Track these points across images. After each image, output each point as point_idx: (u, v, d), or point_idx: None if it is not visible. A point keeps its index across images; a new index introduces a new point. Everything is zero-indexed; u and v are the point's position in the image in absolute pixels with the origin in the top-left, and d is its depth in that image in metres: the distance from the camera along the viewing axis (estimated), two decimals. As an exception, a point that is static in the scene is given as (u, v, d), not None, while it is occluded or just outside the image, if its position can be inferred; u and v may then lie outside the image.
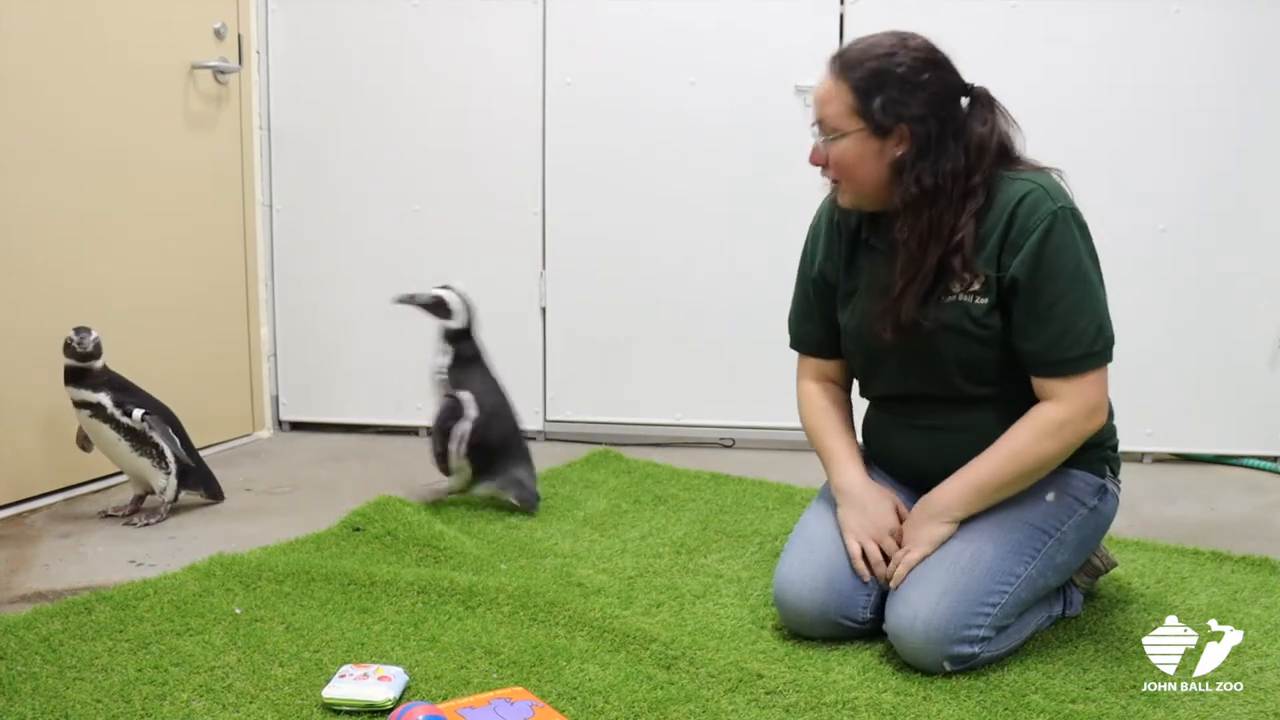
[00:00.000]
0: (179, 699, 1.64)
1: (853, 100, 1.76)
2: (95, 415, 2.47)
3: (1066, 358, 1.75)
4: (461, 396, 2.55)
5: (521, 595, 1.99)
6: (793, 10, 3.18)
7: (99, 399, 2.46)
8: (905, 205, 1.76)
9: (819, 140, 1.82)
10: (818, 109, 1.81)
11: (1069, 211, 1.74)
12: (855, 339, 1.93)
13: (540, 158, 3.33)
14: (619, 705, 1.62)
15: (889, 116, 1.74)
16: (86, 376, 2.45)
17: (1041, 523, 1.81)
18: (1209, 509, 2.74)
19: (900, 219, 1.78)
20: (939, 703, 1.64)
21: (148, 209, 2.99)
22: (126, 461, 2.53)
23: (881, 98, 1.74)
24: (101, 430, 2.48)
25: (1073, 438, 1.77)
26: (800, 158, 3.15)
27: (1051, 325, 1.74)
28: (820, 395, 2.04)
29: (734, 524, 2.53)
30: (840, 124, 1.78)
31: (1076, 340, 1.74)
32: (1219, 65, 3.02)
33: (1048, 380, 1.77)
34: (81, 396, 2.46)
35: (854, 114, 1.76)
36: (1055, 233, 1.72)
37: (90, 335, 2.44)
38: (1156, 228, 3.08)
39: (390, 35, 3.36)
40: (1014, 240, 1.74)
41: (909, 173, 1.75)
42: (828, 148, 1.80)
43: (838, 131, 1.78)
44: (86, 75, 2.79)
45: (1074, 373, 1.75)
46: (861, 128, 1.76)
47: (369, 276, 3.45)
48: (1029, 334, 1.76)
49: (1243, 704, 1.64)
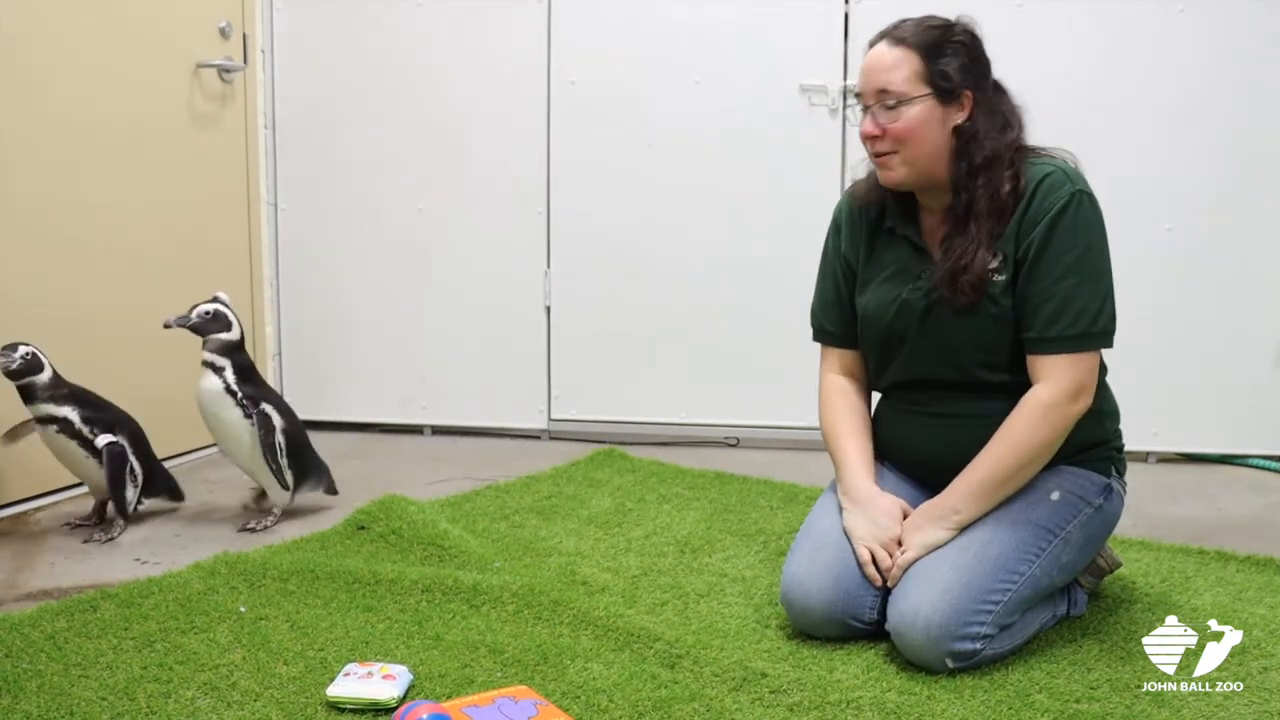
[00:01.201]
0: (184, 697, 1.64)
1: (920, 65, 1.78)
2: (62, 431, 2.36)
3: (1060, 334, 1.77)
4: (266, 409, 2.46)
5: (526, 594, 1.99)
6: (798, 10, 3.18)
7: (64, 413, 2.36)
8: (975, 169, 1.79)
9: (872, 111, 1.81)
10: (877, 78, 1.80)
11: (1086, 195, 1.78)
12: (873, 322, 1.93)
13: (545, 156, 3.33)
14: (623, 704, 1.62)
15: (956, 82, 1.78)
16: (38, 391, 2.34)
17: (1047, 522, 1.81)
18: (1214, 509, 2.74)
19: (972, 183, 1.79)
20: (943, 702, 1.64)
21: (153, 208, 2.99)
22: (93, 476, 2.44)
23: (952, 62, 1.78)
24: (68, 446, 2.39)
25: (1060, 422, 1.78)
26: (805, 156, 3.21)
27: (1052, 301, 1.77)
28: (841, 394, 2.03)
29: (738, 523, 2.53)
30: (908, 89, 1.79)
31: (1074, 319, 1.76)
32: (1225, 64, 3.02)
33: (1038, 358, 1.79)
34: (46, 411, 2.35)
35: (921, 79, 1.78)
36: (1069, 212, 1.76)
37: (15, 353, 2.31)
38: (1162, 227, 3.07)
39: (395, 34, 3.36)
40: (1031, 217, 1.78)
41: (977, 139, 1.79)
42: (889, 117, 1.80)
43: (905, 97, 1.78)
44: (92, 74, 2.80)
45: (1064, 350, 1.77)
46: (928, 93, 1.78)
47: (374, 275, 3.45)
48: (1030, 308, 1.78)
49: (1247, 704, 1.64)
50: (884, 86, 1.80)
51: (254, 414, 2.43)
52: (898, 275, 1.91)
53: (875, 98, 1.81)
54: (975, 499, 1.81)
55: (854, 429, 1.99)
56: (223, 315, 2.44)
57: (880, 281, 1.93)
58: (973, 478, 1.81)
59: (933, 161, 1.82)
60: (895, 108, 1.79)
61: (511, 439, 3.44)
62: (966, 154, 1.80)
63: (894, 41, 1.81)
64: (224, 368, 2.43)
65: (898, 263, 1.92)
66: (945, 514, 1.82)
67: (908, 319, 1.88)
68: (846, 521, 1.90)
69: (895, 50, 1.80)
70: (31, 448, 2.60)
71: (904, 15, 1.87)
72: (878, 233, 1.95)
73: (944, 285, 1.82)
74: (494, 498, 2.72)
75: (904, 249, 1.91)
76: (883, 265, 1.94)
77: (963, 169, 1.81)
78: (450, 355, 3.45)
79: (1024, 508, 1.81)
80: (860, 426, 2.00)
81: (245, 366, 2.47)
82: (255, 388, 2.48)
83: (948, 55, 1.79)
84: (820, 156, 3.19)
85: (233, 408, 2.43)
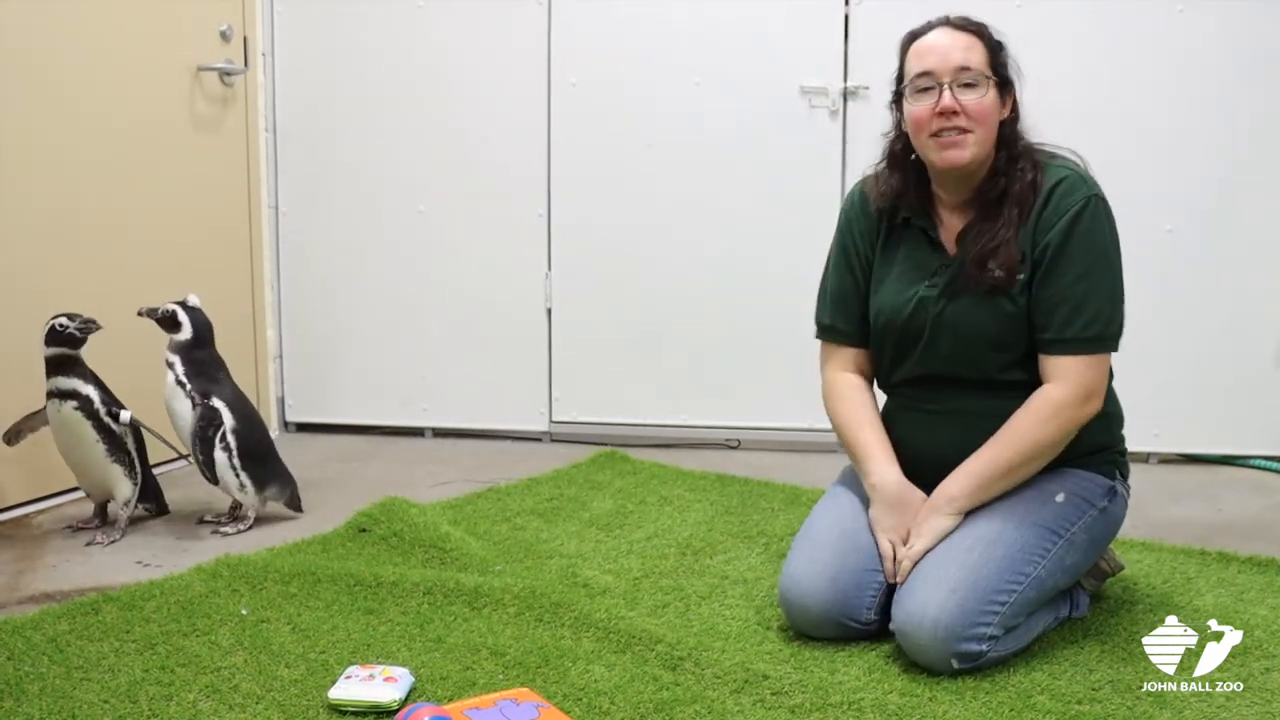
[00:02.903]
0: (185, 699, 1.64)
1: (987, 54, 1.84)
2: (81, 409, 2.37)
3: (1074, 336, 1.79)
4: (216, 404, 2.48)
5: (527, 596, 1.99)
6: (798, 11, 3.18)
7: (88, 392, 2.38)
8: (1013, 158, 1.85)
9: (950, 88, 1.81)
10: (955, 55, 1.82)
11: (1101, 200, 1.83)
12: (889, 319, 1.93)
13: (545, 159, 3.33)
14: (624, 706, 1.62)
15: (1010, 74, 1.86)
16: (75, 366, 2.38)
17: (1052, 523, 1.81)
18: (1215, 510, 2.73)
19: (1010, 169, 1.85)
20: (944, 703, 1.64)
21: (153, 211, 2.99)
22: (97, 466, 2.43)
23: (1007, 56, 1.86)
24: (81, 428, 2.39)
25: (1069, 423, 1.79)
26: (805, 158, 3.21)
27: (1066, 303, 1.79)
28: (854, 389, 2.01)
29: (740, 525, 2.53)
30: (986, 70, 1.83)
31: (1088, 322, 1.79)
32: (1225, 65, 3.01)
33: (1051, 358, 1.81)
34: (71, 386, 2.37)
35: (989, 66, 1.83)
36: (1086, 216, 1.80)
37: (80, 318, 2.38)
38: (1163, 228, 3.07)
39: (395, 37, 3.36)
40: (1047, 218, 1.81)
41: (1015, 132, 1.87)
42: (970, 95, 1.82)
43: (983, 76, 1.82)
44: (93, 77, 2.80)
45: (1077, 352, 1.79)
46: (994, 80, 1.83)
47: (375, 278, 3.45)
48: (1044, 309, 1.80)
49: (1249, 704, 1.64)
50: (965, 64, 1.82)
51: (200, 405, 2.46)
52: (913, 271, 1.91)
53: (954, 75, 1.82)
54: (974, 488, 1.81)
55: (870, 420, 1.98)
56: (172, 315, 2.50)
57: (895, 278, 1.94)
58: (974, 467, 1.82)
59: (990, 147, 1.86)
60: (975, 86, 1.82)
61: (512, 441, 3.44)
62: (1006, 144, 1.86)
63: (959, 28, 1.85)
64: (174, 363, 2.48)
65: (912, 259, 1.92)
66: (945, 501, 1.82)
67: (924, 316, 1.88)
68: (874, 513, 1.90)
69: (965, 35, 1.84)
70: (33, 450, 2.60)
71: (904, 16, 1.87)
72: (891, 228, 1.96)
73: (974, 265, 1.83)
74: (495, 500, 2.72)
75: (919, 245, 1.92)
76: (897, 261, 1.94)
77: (1003, 158, 1.86)
78: (451, 357, 3.45)
79: (1029, 509, 1.82)
80: (876, 417, 1.99)
81: (201, 362, 2.50)
82: (210, 385, 2.50)
83: (1002, 49, 1.86)
84: (821, 158, 3.19)
85: (183, 399, 2.47)
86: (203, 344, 2.51)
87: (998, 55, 1.85)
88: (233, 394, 2.54)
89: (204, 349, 2.51)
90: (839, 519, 1.92)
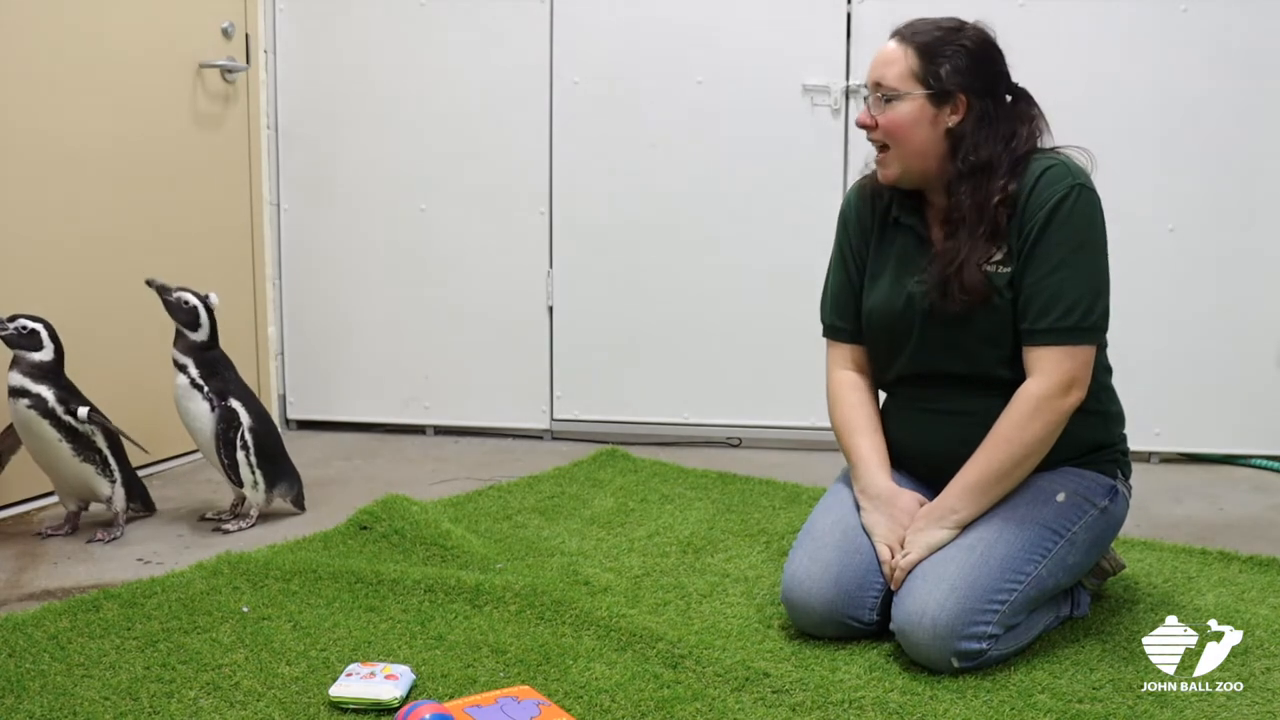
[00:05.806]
0: (186, 697, 1.65)
1: (916, 64, 1.81)
2: (34, 407, 2.29)
3: (1050, 326, 1.78)
4: (233, 404, 2.48)
5: (528, 594, 1.99)
6: (800, 10, 3.18)
7: (38, 390, 2.29)
8: (962, 174, 1.81)
9: (870, 102, 1.85)
10: (874, 70, 1.85)
11: (1085, 188, 1.79)
12: (882, 315, 1.93)
13: (547, 157, 3.33)
14: (625, 704, 1.63)
15: (950, 84, 1.80)
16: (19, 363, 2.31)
17: (1053, 523, 1.81)
18: (1216, 509, 2.73)
19: (958, 187, 1.82)
20: (945, 702, 1.64)
21: (155, 208, 3.00)
22: (66, 467, 2.36)
23: (947, 65, 1.80)
24: (39, 427, 2.31)
25: (1052, 416, 1.78)
26: (807, 157, 3.21)
27: (1045, 292, 1.78)
28: (853, 390, 2.01)
29: (741, 523, 2.53)
30: (899, 85, 1.81)
31: (1066, 311, 1.77)
32: (1228, 64, 3.01)
33: (1030, 349, 1.80)
34: (19, 383, 2.28)
35: (915, 78, 1.81)
36: (1066, 204, 1.78)
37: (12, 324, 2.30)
38: (1165, 227, 3.07)
39: (397, 34, 3.36)
40: (1030, 208, 1.79)
41: (968, 142, 1.81)
42: (881, 110, 1.83)
43: (895, 93, 1.81)
44: (94, 74, 2.80)
45: (1056, 342, 1.78)
46: (921, 92, 1.80)
47: (376, 275, 3.45)
48: (1024, 299, 1.79)
49: (1250, 704, 1.64)
50: (879, 80, 1.84)
51: (219, 407, 2.46)
52: (903, 267, 1.91)
53: (872, 89, 1.85)
54: (972, 497, 1.81)
55: (868, 425, 1.98)
56: (193, 312, 2.46)
57: (887, 274, 1.94)
58: (968, 477, 1.81)
59: (923, 161, 1.84)
60: (888, 102, 1.82)
61: (514, 439, 3.44)
62: (956, 157, 1.82)
63: (899, 38, 1.85)
64: (186, 365, 2.47)
65: (903, 254, 1.92)
66: (944, 514, 1.82)
67: (914, 311, 1.88)
68: (866, 520, 1.89)
69: (897, 47, 1.83)
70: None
71: (906, 15, 1.88)
72: (885, 225, 1.96)
73: (934, 291, 1.83)
74: (496, 498, 2.72)
75: (909, 240, 1.92)
76: (889, 257, 1.95)
77: (952, 172, 1.83)
78: (453, 355, 3.45)
79: (1030, 509, 1.81)
80: (874, 422, 1.99)
81: (213, 363, 2.49)
82: (224, 384, 2.49)
83: (945, 57, 1.80)
84: (823, 157, 3.19)
85: (200, 400, 2.46)
86: (214, 344, 2.51)
87: (930, 65, 1.80)
88: (245, 392, 2.54)
89: (214, 349, 2.51)
90: (841, 518, 1.92)
